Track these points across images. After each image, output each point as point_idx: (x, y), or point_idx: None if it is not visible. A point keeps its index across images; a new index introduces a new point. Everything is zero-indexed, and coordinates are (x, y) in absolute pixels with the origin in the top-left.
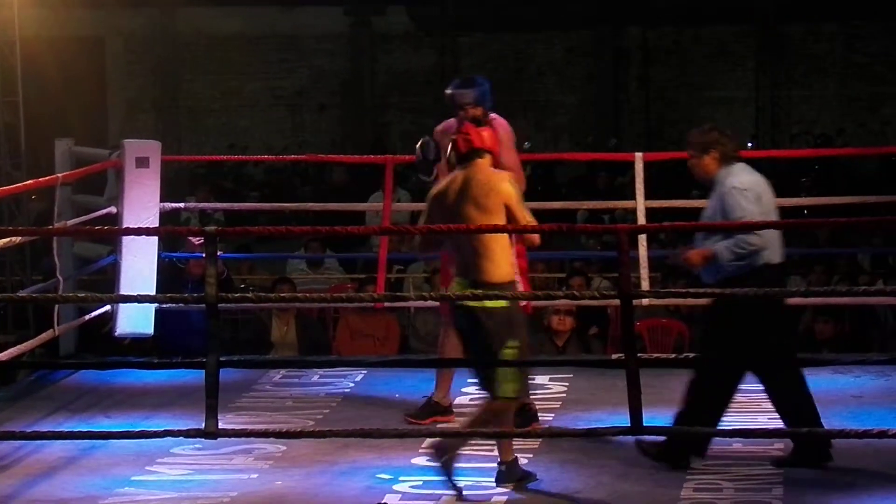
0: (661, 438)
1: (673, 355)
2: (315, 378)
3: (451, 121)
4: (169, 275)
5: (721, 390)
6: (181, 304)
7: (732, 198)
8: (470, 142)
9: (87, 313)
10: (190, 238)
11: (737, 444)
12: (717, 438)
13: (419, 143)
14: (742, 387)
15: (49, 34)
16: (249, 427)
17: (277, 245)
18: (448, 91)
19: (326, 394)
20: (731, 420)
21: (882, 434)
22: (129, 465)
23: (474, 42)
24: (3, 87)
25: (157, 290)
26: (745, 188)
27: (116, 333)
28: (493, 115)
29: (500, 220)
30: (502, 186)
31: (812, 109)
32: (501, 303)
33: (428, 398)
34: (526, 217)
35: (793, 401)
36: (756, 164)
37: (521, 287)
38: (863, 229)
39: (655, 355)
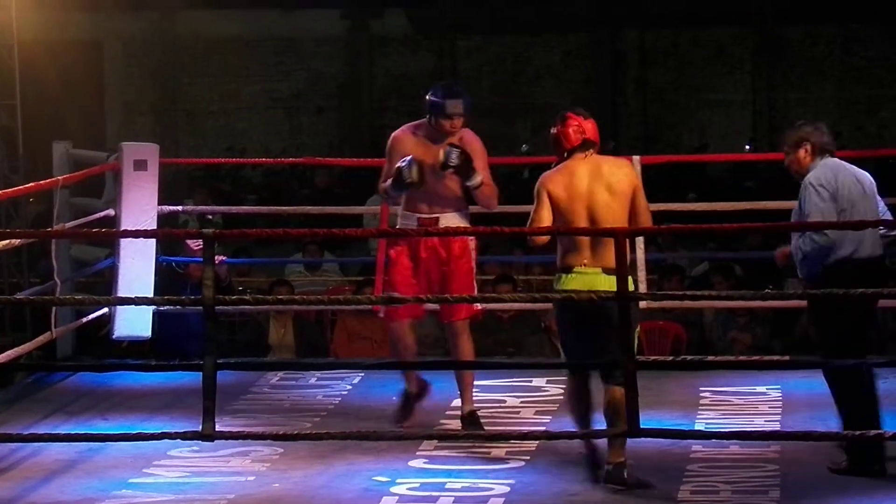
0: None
1: (670, 358)
2: (312, 380)
3: (417, 123)
4: (168, 278)
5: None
6: (179, 307)
7: (806, 193)
8: (584, 132)
9: (85, 316)
10: (188, 242)
11: (734, 447)
12: (714, 441)
13: (403, 163)
14: (740, 389)
15: (47, 37)
16: (247, 429)
17: (275, 247)
18: (436, 99)
19: (324, 396)
20: (728, 423)
21: (879, 436)
22: (126, 467)
23: (472, 45)
24: (1, 91)
25: (156, 294)
26: (821, 184)
27: (114, 336)
28: (464, 129)
29: (628, 204)
30: (630, 171)
31: (809, 112)
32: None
33: (401, 395)
34: (645, 203)
35: (856, 399)
36: (753, 167)
37: None
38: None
39: (653, 358)
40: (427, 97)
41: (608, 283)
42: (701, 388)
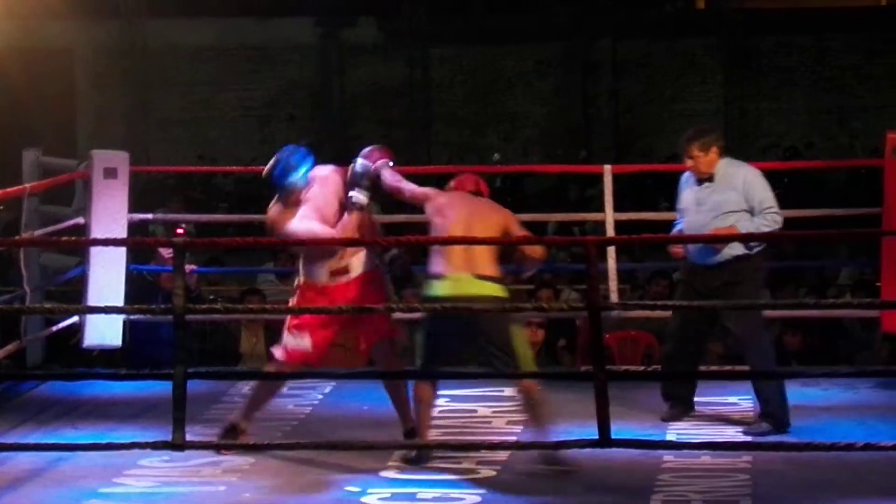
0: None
1: (642, 368)
2: (284, 390)
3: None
4: (139, 287)
5: None
6: (149, 316)
7: (757, 184)
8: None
9: (55, 324)
10: (161, 250)
11: (705, 457)
12: (686, 451)
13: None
14: (710, 399)
15: (18, 44)
16: (217, 439)
17: (247, 256)
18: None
19: (295, 406)
20: (699, 433)
21: (849, 447)
22: (96, 477)
23: (445, 54)
24: None
25: (127, 303)
26: (760, 175)
27: (84, 345)
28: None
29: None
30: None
31: (781, 122)
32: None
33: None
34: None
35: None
36: None
37: None
38: (831, 242)
39: (624, 368)
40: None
41: (484, 288)
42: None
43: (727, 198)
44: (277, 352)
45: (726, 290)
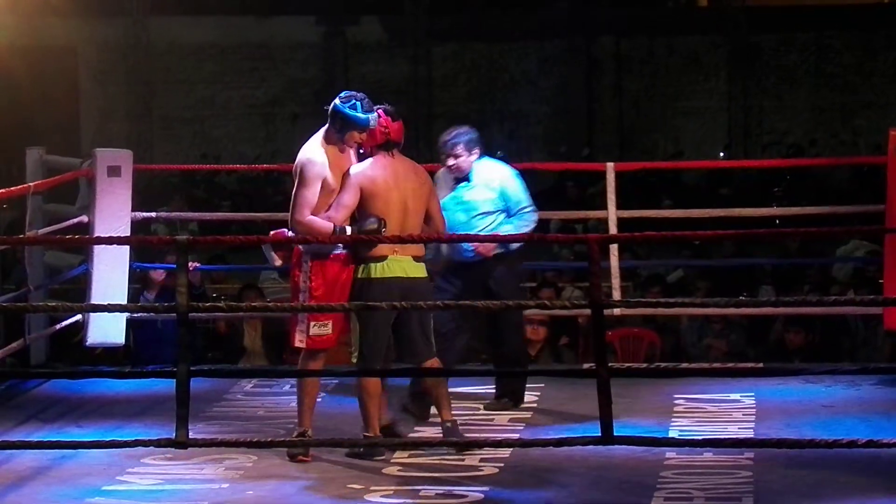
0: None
1: (644, 365)
2: (286, 387)
3: (323, 137)
4: (142, 286)
5: None
6: (152, 314)
7: (512, 185)
8: (388, 132)
9: (58, 322)
10: (152, 275)
11: (708, 454)
12: (688, 448)
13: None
14: (714, 396)
15: (22, 43)
16: (220, 437)
17: (250, 254)
18: (359, 114)
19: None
20: (702, 430)
21: (852, 444)
22: (99, 475)
23: (447, 52)
24: None
25: (130, 301)
26: (515, 176)
27: (87, 343)
28: None
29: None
30: (426, 175)
31: (784, 120)
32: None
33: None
34: (439, 206)
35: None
36: (728, 174)
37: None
38: (834, 239)
39: (627, 365)
40: (342, 108)
41: (419, 270)
42: (675, 396)
43: (484, 197)
44: (300, 341)
45: (487, 284)
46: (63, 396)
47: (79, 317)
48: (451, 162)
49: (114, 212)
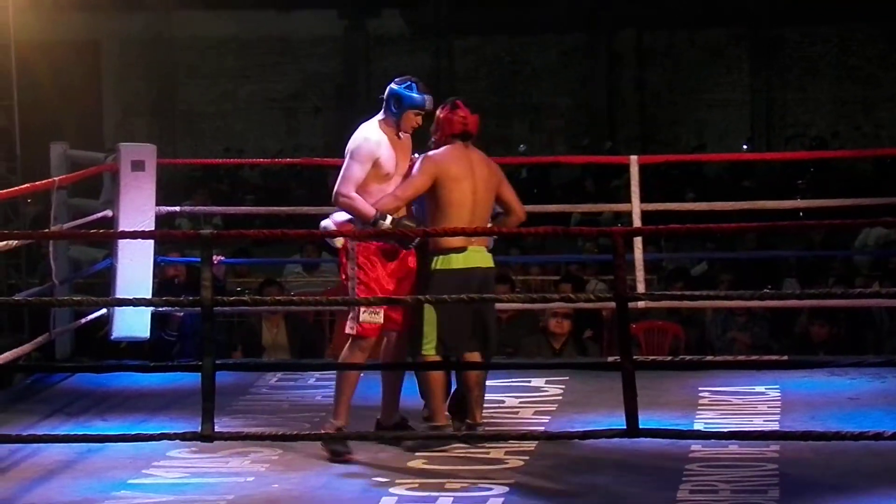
0: None
1: (669, 357)
2: (311, 381)
3: (381, 120)
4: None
5: None
6: (176, 308)
7: None
8: (467, 123)
9: (83, 317)
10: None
11: (733, 447)
12: (713, 440)
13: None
14: (738, 389)
15: (45, 38)
16: (245, 430)
17: (274, 248)
18: (415, 94)
19: (322, 397)
20: (727, 422)
21: (878, 436)
22: (125, 468)
23: (469, 45)
24: None
25: (154, 295)
26: None
27: (112, 337)
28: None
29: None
30: (497, 168)
31: (807, 112)
32: None
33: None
34: (514, 194)
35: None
36: (751, 167)
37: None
38: (858, 231)
39: (651, 357)
40: (400, 90)
41: (489, 261)
42: (700, 388)
43: None
44: (350, 328)
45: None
46: (88, 390)
47: (103, 311)
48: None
49: (138, 206)
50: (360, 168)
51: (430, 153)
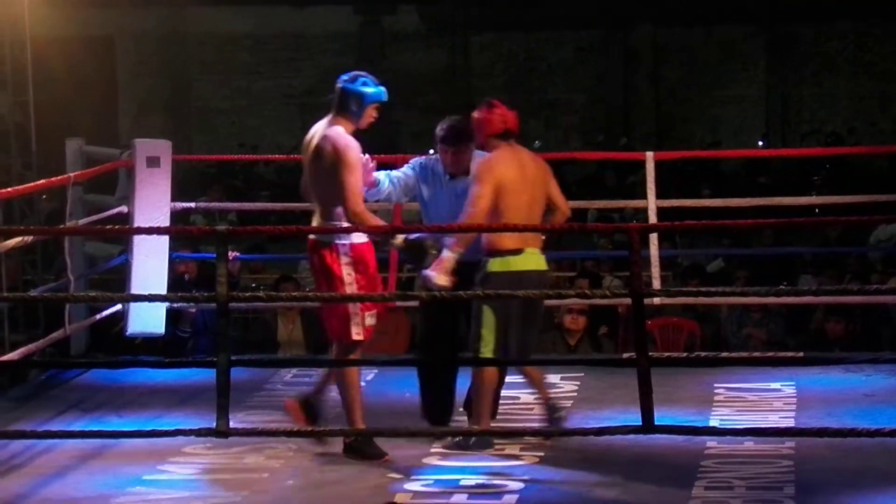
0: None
1: (684, 354)
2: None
3: (345, 128)
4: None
5: None
6: (192, 304)
7: None
8: (506, 121)
9: (98, 312)
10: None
11: (748, 443)
12: (729, 437)
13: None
14: (754, 386)
15: (59, 34)
16: (260, 426)
17: (288, 244)
18: (372, 86)
19: (337, 393)
20: (742, 419)
21: (894, 433)
22: (140, 464)
23: (485, 41)
24: (13, 87)
25: (169, 291)
26: None
27: (127, 333)
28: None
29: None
30: (543, 162)
31: (823, 108)
32: None
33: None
34: (559, 191)
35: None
36: (767, 163)
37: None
38: (874, 228)
39: (667, 354)
40: (355, 87)
41: (543, 263)
42: (715, 385)
43: None
44: (356, 333)
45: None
46: (103, 386)
47: (119, 307)
48: (449, 155)
49: (153, 202)
50: (359, 179)
51: (483, 160)
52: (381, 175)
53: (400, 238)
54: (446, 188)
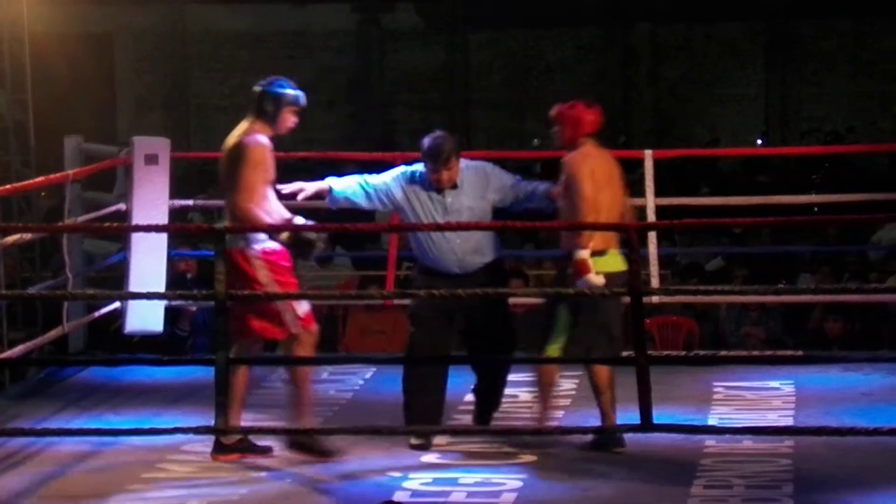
0: None
1: (683, 353)
2: (324, 375)
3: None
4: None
5: None
6: (189, 302)
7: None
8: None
9: (97, 310)
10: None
11: (747, 442)
12: (728, 435)
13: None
14: (753, 384)
15: (58, 31)
16: (259, 424)
17: None
18: (290, 91)
19: (336, 391)
20: (741, 417)
21: (892, 432)
22: (138, 462)
23: (483, 39)
24: (12, 85)
25: (168, 289)
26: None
27: (125, 331)
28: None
29: None
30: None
31: (822, 107)
32: None
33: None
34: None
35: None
36: (766, 162)
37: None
38: (873, 227)
39: (665, 353)
40: (273, 89)
41: (625, 263)
42: (714, 383)
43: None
44: (293, 326)
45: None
46: (101, 384)
47: (117, 305)
48: (444, 175)
49: (151, 200)
50: (260, 177)
51: (575, 155)
52: (339, 182)
53: (285, 234)
54: (435, 202)
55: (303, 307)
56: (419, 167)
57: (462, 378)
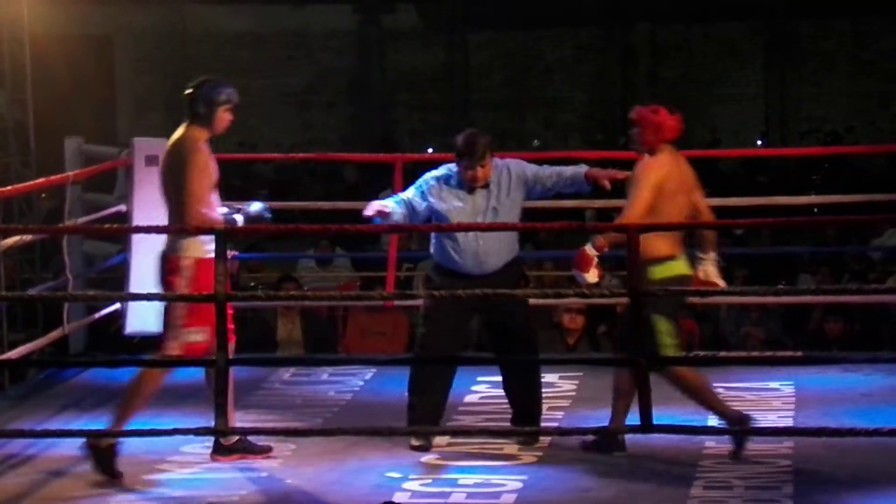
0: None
1: (683, 353)
2: (324, 376)
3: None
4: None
5: None
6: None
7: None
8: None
9: (97, 311)
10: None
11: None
12: (727, 437)
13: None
14: (752, 385)
15: (58, 32)
16: (259, 425)
17: (287, 243)
18: (222, 88)
19: (336, 392)
20: None
21: (892, 432)
22: (138, 463)
23: (483, 39)
24: (12, 86)
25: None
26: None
27: (126, 332)
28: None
29: None
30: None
31: (821, 107)
32: None
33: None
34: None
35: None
36: (765, 162)
37: None
38: (873, 227)
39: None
40: (206, 91)
41: (691, 268)
42: (714, 384)
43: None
44: (171, 348)
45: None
46: (101, 385)
47: (117, 306)
48: (478, 172)
49: (152, 201)
50: (205, 182)
51: (650, 161)
52: (391, 202)
53: (239, 220)
54: (466, 202)
55: (200, 336)
56: (443, 170)
57: (462, 378)
